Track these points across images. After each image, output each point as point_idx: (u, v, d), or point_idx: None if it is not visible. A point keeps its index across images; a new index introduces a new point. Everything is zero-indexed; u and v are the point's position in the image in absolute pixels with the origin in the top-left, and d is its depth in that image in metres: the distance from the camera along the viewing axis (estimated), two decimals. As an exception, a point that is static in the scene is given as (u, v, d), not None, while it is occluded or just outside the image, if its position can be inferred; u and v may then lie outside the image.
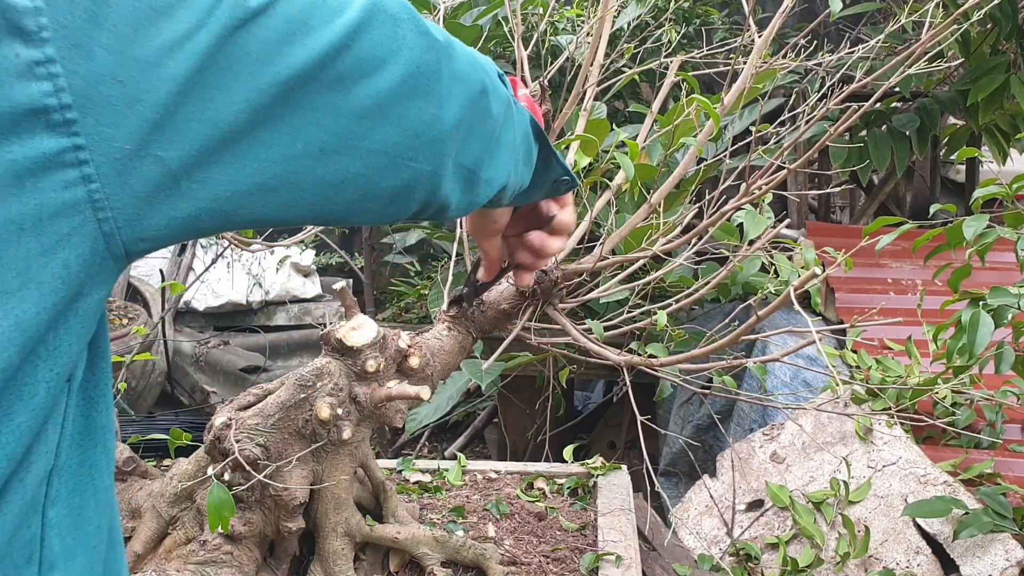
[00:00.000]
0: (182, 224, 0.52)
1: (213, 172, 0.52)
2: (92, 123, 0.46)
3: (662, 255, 1.95)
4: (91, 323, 0.51)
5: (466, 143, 0.69)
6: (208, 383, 4.94)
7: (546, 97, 1.55)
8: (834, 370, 1.85)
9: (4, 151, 0.43)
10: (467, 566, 1.88)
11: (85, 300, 0.49)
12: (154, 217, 0.50)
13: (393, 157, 0.61)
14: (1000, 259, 3.22)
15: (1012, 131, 3.61)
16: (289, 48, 0.54)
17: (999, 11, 3.21)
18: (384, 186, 0.63)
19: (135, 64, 0.47)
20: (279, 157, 0.55)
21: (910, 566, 2.34)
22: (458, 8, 3.35)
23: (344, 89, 0.57)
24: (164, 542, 1.82)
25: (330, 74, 0.55)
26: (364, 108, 0.58)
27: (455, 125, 0.66)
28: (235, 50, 0.51)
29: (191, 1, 0.50)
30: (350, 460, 1.83)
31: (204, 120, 0.51)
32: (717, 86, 3.87)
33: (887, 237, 2.27)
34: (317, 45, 0.54)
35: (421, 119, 0.62)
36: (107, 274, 0.50)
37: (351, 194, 0.61)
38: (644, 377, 2.03)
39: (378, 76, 0.58)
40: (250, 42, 0.52)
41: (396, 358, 1.80)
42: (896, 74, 1.90)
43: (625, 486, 2.22)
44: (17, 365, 0.46)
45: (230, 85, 0.51)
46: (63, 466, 0.53)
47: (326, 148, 0.57)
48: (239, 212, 0.55)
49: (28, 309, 0.45)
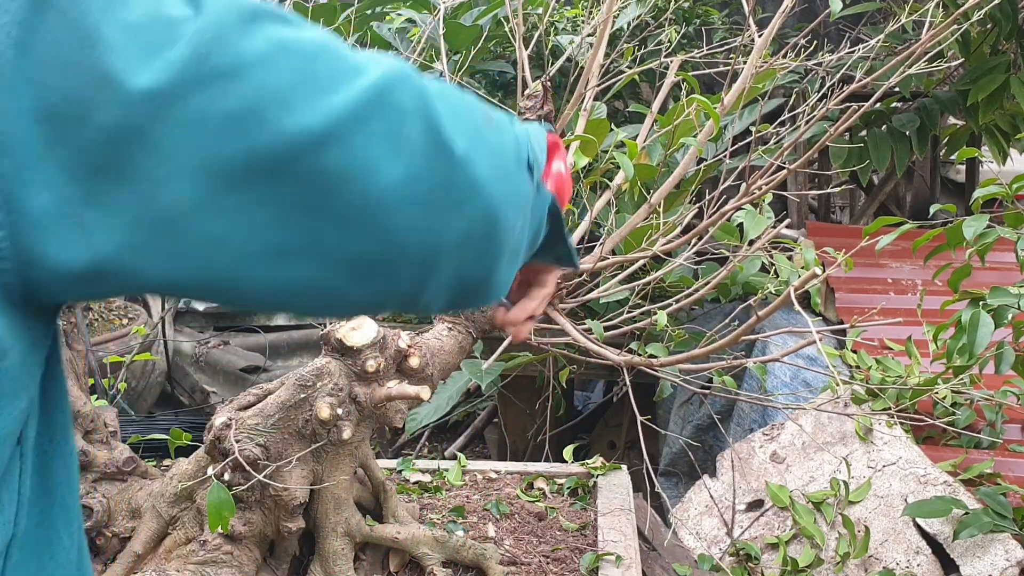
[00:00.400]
0: (104, 294, 0.47)
1: (144, 257, 0.44)
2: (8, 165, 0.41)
3: (662, 255, 1.95)
4: (24, 380, 0.46)
5: (469, 259, 0.57)
6: (208, 383, 4.94)
7: (548, 98, 1.56)
8: (834, 370, 1.85)
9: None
10: (467, 566, 1.88)
11: (6, 359, 0.44)
12: (62, 284, 0.44)
13: (369, 269, 0.51)
14: (1000, 259, 3.22)
15: (1012, 131, 3.61)
16: (256, 126, 0.44)
17: (999, 11, 3.21)
18: (352, 297, 0.53)
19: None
20: (227, 252, 0.46)
21: (910, 566, 2.34)
22: (458, 8, 3.35)
23: (320, 187, 0.47)
24: (164, 542, 1.82)
25: (303, 166, 0.46)
26: (342, 213, 0.48)
27: (457, 242, 0.55)
28: (187, 114, 0.43)
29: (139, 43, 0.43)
30: (350, 460, 1.83)
31: (135, 192, 0.43)
32: (717, 86, 3.87)
33: (887, 237, 2.26)
34: (292, 129, 0.45)
35: (412, 233, 0.51)
36: (19, 334, 0.44)
37: (311, 301, 0.53)
38: (644, 377, 2.03)
39: (365, 179, 0.48)
40: (209, 108, 0.43)
41: (396, 358, 1.80)
42: (896, 74, 1.91)
43: (625, 486, 2.22)
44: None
45: (173, 154, 0.43)
46: (22, 535, 0.49)
47: (285, 249, 0.47)
48: (179, 294, 0.49)
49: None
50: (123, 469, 1.90)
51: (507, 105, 3.41)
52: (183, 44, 0.43)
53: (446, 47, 2.73)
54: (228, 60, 0.44)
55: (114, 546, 1.85)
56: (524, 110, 1.57)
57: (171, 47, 0.43)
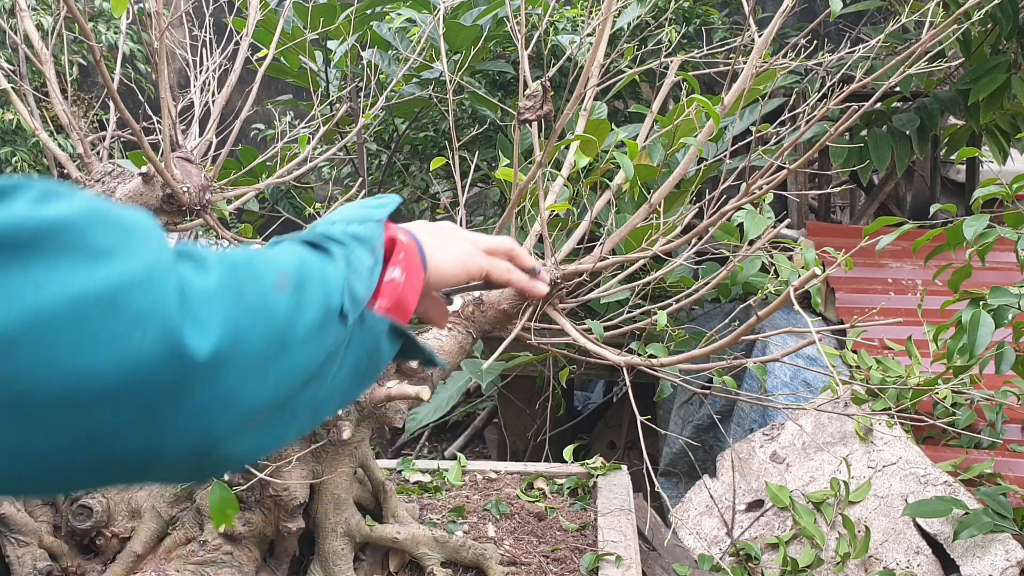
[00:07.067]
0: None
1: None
2: None
3: (662, 255, 1.95)
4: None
5: (234, 441, 0.51)
6: (208, 383, 4.94)
7: (548, 98, 1.55)
8: (834, 370, 1.85)
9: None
10: (467, 566, 1.88)
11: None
12: None
13: (62, 463, 0.45)
14: (1000, 259, 3.22)
15: (1012, 131, 3.61)
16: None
17: (1000, 11, 3.21)
18: (47, 482, 0.47)
19: None
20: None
21: (910, 566, 2.34)
22: (458, 8, 3.35)
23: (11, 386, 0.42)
24: (164, 542, 1.82)
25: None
26: (36, 410, 0.42)
27: (192, 448, 0.49)
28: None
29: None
30: (350, 460, 1.83)
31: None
32: (717, 86, 3.87)
33: (887, 237, 2.26)
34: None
35: (117, 445, 0.45)
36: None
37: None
38: (644, 377, 2.03)
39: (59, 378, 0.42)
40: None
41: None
42: (896, 74, 1.90)
43: (625, 486, 2.22)
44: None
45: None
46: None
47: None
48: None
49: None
50: (123, 469, 1.90)
51: (507, 105, 3.41)
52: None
53: (446, 47, 2.73)
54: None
55: (114, 546, 1.85)
56: (524, 110, 1.57)
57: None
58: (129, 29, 3.43)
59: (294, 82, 3.76)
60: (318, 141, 2.50)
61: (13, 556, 1.78)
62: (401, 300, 0.69)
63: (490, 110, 3.46)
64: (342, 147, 2.71)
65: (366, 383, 0.67)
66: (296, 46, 3.16)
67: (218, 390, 0.48)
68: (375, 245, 0.67)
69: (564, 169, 2.04)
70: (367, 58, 3.40)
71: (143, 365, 0.44)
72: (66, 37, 3.05)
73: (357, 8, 3.21)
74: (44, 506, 1.88)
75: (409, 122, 3.95)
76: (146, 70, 5.11)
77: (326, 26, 2.92)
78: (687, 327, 3.08)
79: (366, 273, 0.64)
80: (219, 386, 0.48)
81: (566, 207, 2.05)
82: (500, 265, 0.84)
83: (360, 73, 3.53)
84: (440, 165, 2.15)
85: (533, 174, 1.74)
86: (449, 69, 2.63)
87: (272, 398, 0.53)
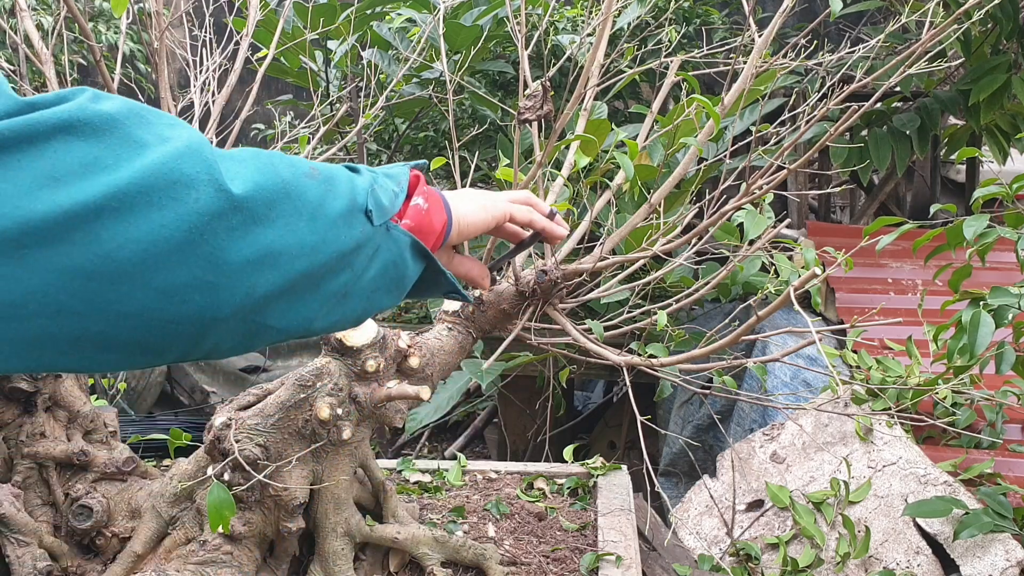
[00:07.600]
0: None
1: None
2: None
3: (662, 255, 1.95)
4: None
5: (275, 307, 0.60)
6: (208, 383, 4.94)
7: (548, 97, 1.55)
8: (834, 370, 1.85)
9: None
10: (467, 566, 1.88)
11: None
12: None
13: (148, 325, 0.54)
14: (1000, 259, 3.22)
15: (1013, 131, 3.61)
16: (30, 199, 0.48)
17: (1000, 11, 3.21)
18: (131, 342, 0.55)
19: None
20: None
21: (910, 566, 2.34)
22: (458, 8, 3.35)
23: (96, 252, 0.50)
24: (164, 542, 1.82)
25: (80, 235, 0.49)
26: (118, 273, 0.51)
27: (242, 305, 0.57)
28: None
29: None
30: (350, 460, 1.83)
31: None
32: (717, 86, 3.87)
33: (887, 237, 2.26)
34: (67, 203, 0.48)
35: (190, 294, 0.54)
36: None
37: (87, 350, 0.54)
38: (644, 377, 2.03)
39: (140, 242, 0.51)
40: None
41: (396, 358, 1.80)
42: (897, 74, 1.90)
43: (625, 486, 2.22)
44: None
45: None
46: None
47: (64, 309, 0.50)
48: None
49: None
50: (123, 469, 1.90)
51: (507, 105, 3.41)
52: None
53: (446, 47, 2.73)
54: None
55: (114, 546, 1.85)
56: (524, 110, 1.57)
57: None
58: (129, 29, 3.43)
59: (294, 82, 3.77)
60: (318, 141, 2.50)
61: (13, 556, 1.78)
62: (424, 225, 0.76)
63: (490, 110, 3.46)
64: (342, 147, 2.71)
65: (392, 295, 0.73)
66: (296, 46, 3.16)
67: (262, 238, 0.57)
68: (400, 180, 0.75)
69: (564, 169, 2.04)
70: (367, 58, 3.40)
71: (200, 215, 0.53)
72: (66, 37, 3.05)
73: (357, 8, 3.21)
74: (44, 506, 1.88)
75: (409, 122, 3.95)
76: (146, 70, 5.11)
77: (326, 26, 2.92)
78: (687, 327, 3.08)
79: (391, 193, 0.72)
80: (261, 235, 0.57)
81: (566, 207, 2.05)
82: (522, 208, 0.90)
83: (360, 73, 3.53)
84: (440, 165, 2.15)
85: (533, 174, 1.74)
86: (449, 69, 2.63)
87: (307, 266, 0.61)
